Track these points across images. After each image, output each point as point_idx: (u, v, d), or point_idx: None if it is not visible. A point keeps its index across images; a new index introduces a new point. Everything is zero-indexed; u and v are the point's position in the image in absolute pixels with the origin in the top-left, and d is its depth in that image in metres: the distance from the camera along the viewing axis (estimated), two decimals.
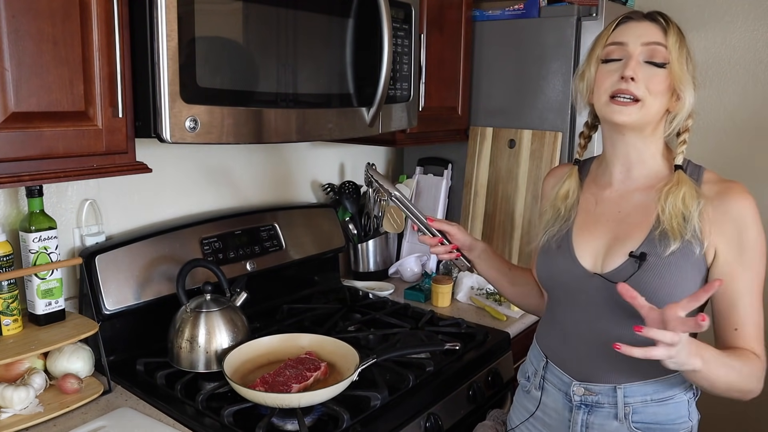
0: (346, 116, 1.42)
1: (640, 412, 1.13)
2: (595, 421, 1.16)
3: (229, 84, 1.16)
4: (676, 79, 1.07)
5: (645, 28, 1.09)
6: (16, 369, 1.25)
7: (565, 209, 1.21)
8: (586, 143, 1.27)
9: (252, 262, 1.66)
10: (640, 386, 1.13)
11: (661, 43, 1.07)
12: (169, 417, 1.22)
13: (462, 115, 2.01)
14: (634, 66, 1.06)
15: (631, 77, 1.06)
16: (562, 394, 1.20)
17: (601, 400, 1.15)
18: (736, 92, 2.38)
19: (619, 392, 1.13)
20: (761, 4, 2.29)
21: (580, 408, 1.17)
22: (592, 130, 1.27)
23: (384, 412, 1.25)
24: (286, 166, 1.95)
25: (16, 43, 0.95)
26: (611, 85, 1.08)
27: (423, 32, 1.72)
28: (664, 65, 1.07)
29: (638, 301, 0.97)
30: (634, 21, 1.11)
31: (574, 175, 1.23)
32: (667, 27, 1.09)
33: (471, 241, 1.35)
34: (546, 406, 1.24)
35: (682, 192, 1.07)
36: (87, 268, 1.37)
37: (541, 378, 1.25)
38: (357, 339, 1.55)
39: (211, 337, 1.34)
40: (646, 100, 1.06)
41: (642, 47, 1.08)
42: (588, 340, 1.16)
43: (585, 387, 1.17)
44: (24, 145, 0.99)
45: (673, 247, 1.06)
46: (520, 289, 1.39)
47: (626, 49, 1.08)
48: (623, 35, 1.10)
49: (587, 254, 1.16)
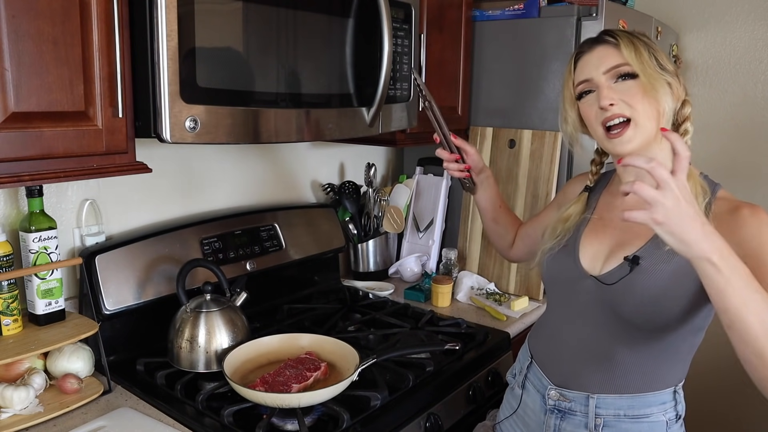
0: (346, 116, 1.42)
1: (611, 426, 1.12)
2: (566, 428, 1.16)
3: (229, 84, 1.16)
4: (648, 86, 1.06)
5: (598, 54, 1.09)
6: (16, 369, 1.25)
7: (562, 230, 1.22)
8: (598, 170, 1.27)
9: (252, 262, 1.66)
10: (614, 399, 1.12)
11: (619, 63, 1.07)
12: (169, 417, 1.22)
13: (462, 115, 2.01)
14: (607, 93, 1.06)
15: (609, 104, 1.06)
16: (540, 396, 1.21)
17: (573, 408, 1.15)
18: (736, 92, 2.38)
19: (591, 402, 1.13)
20: (761, 4, 2.29)
21: (554, 412, 1.18)
22: (604, 157, 1.27)
23: (384, 412, 1.25)
24: (286, 166, 1.95)
25: (16, 43, 0.95)
26: (597, 117, 1.09)
27: (423, 32, 1.72)
28: (634, 75, 1.06)
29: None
30: (586, 54, 1.11)
31: (581, 202, 1.24)
32: (618, 42, 1.08)
33: (483, 165, 1.42)
34: (526, 406, 1.25)
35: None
36: (87, 268, 1.37)
37: (524, 377, 1.27)
38: (357, 339, 1.55)
39: (211, 337, 1.34)
40: (635, 116, 1.05)
41: (605, 74, 1.08)
42: (571, 342, 1.17)
43: (560, 392, 1.17)
44: (24, 145, 0.99)
45: (666, 249, 1.04)
46: (498, 228, 1.49)
47: (593, 82, 1.09)
48: (583, 72, 1.11)
49: (589, 257, 1.16)
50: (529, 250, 1.44)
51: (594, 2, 1.80)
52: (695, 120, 1.14)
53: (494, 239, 1.52)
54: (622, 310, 1.09)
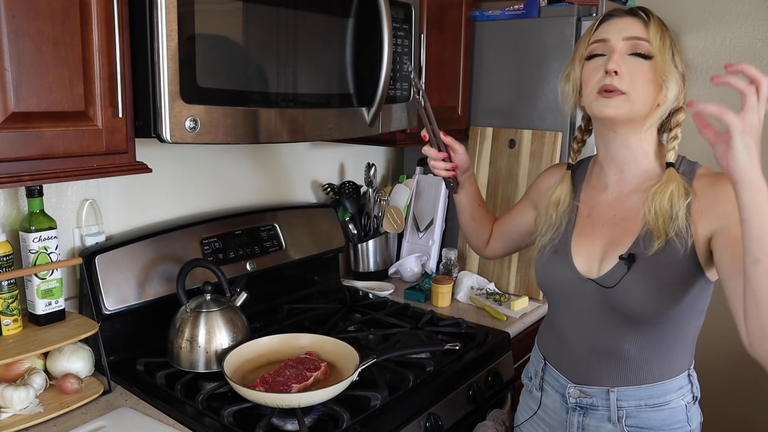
0: (346, 116, 1.42)
1: (634, 416, 1.13)
2: (590, 423, 1.17)
3: (229, 84, 1.16)
4: (659, 71, 1.05)
5: (626, 23, 1.08)
6: (16, 369, 1.25)
7: (557, 216, 1.20)
8: (579, 147, 1.26)
9: (252, 262, 1.66)
10: (634, 391, 1.13)
11: (642, 37, 1.06)
12: (169, 417, 1.22)
13: (462, 115, 2.01)
14: (617, 59, 1.05)
15: (614, 71, 1.04)
16: (560, 395, 1.21)
17: (595, 403, 1.16)
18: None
19: (612, 396, 1.14)
20: (761, 4, 2.29)
21: (576, 410, 1.18)
22: (586, 134, 1.26)
23: (384, 412, 1.25)
24: (286, 166, 1.95)
25: (16, 43, 0.95)
26: (597, 82, 1.08)
27: (423, 32, 1.72)
28: (648, 57, 1.06)
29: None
30: (615, 18, 1.10)
31: (567, 180, 1.23)
32: (648, 20, 1.08)
33: (469, 164, 1.38)
34: (546, 407, 1.25)
35: (669, 191, 1.06)
36: (87, 268, 1.37)
37: (540, 379, 1.26)
38: (357, 339, 1.55)
39: (211, 337, 1.34)
40: (631, 93, 1.05)
41: (624, 42, 1.07)
42: (582, 343, 1.17)
43: (580, 389, 1.18)
44: (24, 145, 0.99)
45: (656, 246, 1.05)
46: (475, 226, 1.46)
47: (608, 44, 1.08)
48: (605, 32, 1.09)
49: (583, 260, 1.16)
50: (504, 248, 1.47)
51: (594, 2, 1.80)
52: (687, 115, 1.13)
53: (470, 237, 1.50)
54: (627, 309, 1.09)
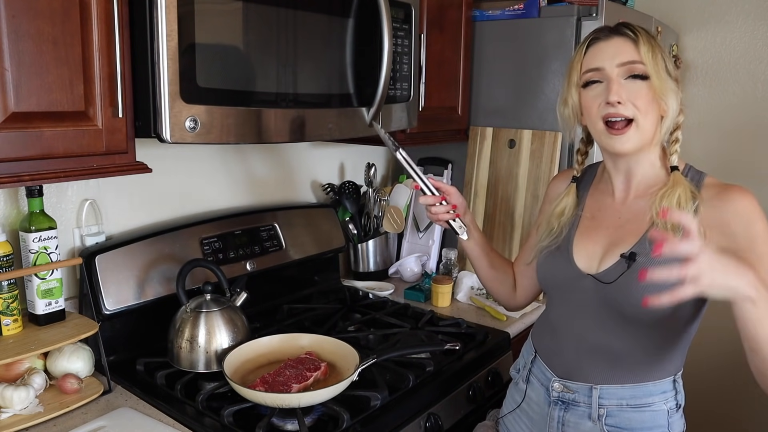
0: (346, 116, 1.42)
1: (614, 416, 1.13)
2: (570, 419, 1.17)
3: (229, 84, 1.16)
4: (658, 91, 1.06)
5: (616, 46, 1.07)
6: (16, 369, 1.25)
7: (558, 226, 1.21)
8: (583, 160, 1.27)
9: (252, 262, 1.66)
10: (617, 389, 1.13)
11: (635, 60, 1.06)
12: (169, 417, 1.22)
13: (462, 115, 2.01)
14: (617, 89, 1.05)
15: (617, 101, 1.05)
16: (544, 388, 1.22)
17: (577, 399, 1.17)
18: (736, 92, 2.38)
19: (595, 393, 1.14)
20: (761, 4, 2.29)
21: (558, 404, 1.19)
22: (589, 146, 1.26)
23: (384, 412, 1.25)
24: (286, 166, 1.95)
25: (16, 43, 0.95)
26: (600, 110, 1.08)
27: (423, 32, 1.72)
28: (644, 77, 1.06)
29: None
30: (602, 41, 1.09)
31: (572, 193, 1.23)
32: (637, 38, 1.07)
33: (465, 203, 1.34)
34: (530, 399, 1.26)
35: (676, 194, 1.06)
36: (87, 268, 1.37)
37: (528, 371, 1.27)
38: (357, 339, 1.55)
39: (211, 337, 1.34)
40: (638, 118, 1.06)
41: (618, 68, 1.06)
42: (574, 337, 1.18)
43: (564, 384, 1.18)
44: (24, 145, 0.99)
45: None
46: (497, 274, 1.39)
47: (604, 73, 1.08)
48: (596, 60, 1.09)
49: (583, 257, 1.17)
50: (534, 283, 1.35)
51: (594, 2, 1.80)
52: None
53: (495, 288, 1.41)
54: (623, 306, 1.09)
